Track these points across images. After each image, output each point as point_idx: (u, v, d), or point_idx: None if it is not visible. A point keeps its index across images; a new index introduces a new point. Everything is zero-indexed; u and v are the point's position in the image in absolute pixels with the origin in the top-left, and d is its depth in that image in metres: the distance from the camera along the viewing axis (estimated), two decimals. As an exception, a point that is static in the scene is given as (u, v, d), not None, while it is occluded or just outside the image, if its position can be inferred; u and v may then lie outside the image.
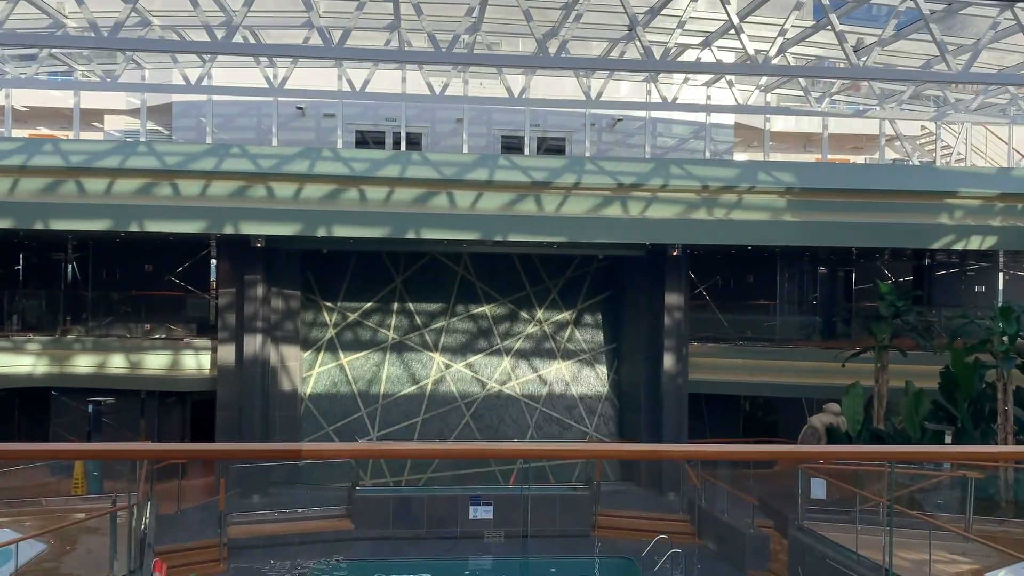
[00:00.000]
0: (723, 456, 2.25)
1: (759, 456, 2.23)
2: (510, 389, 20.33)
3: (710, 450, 2.32)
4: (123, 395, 20.04)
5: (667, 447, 2.13)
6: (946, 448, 2.27)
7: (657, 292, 19.57)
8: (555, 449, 2.41)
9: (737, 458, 2.57)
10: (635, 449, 2.38)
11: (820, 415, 17.74)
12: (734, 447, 2.40)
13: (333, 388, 19.86)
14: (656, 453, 2.28)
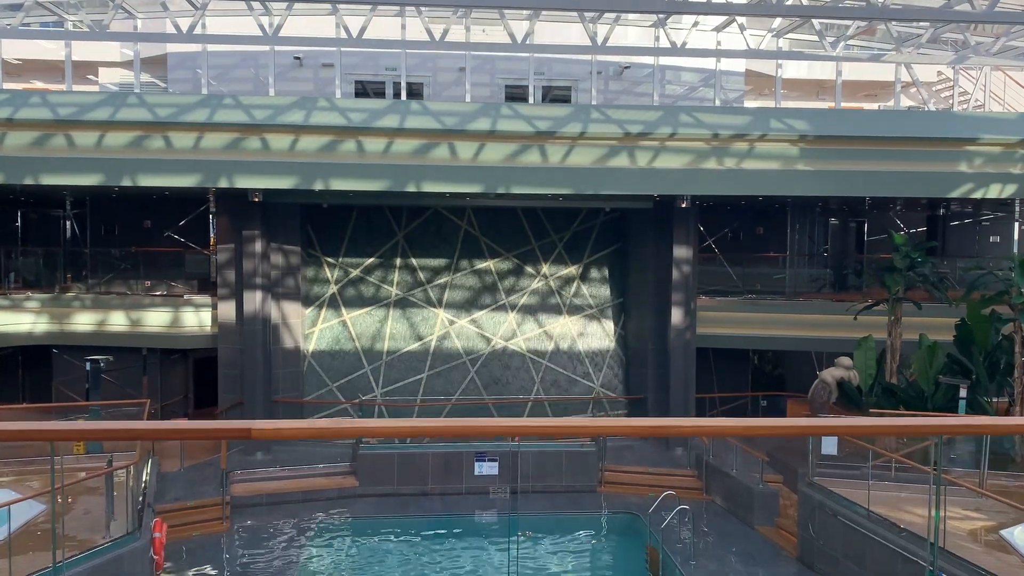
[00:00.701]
0: (747, 432, 1.96)
1: (788, 431, 1.94)
2: (515, 345, 20.03)
3: (732, 426, 1.91)
4: (125, 353, 19.87)
5: (678, 423, 1.85)
6: (997, 421, 1.98)
7: (665, 245, 19.14)
8: (553, 425, 2.03)
9: (764, 434, 2.29)
10: (645, 425, 1.98)
11: (831, 369, 17.39)
12: (757, 423, 2.02)
13: (336, 345, 19.60)
14: (666, 429, 1.95)
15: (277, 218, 18.46)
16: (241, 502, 15.60)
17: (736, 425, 2.11)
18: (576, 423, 2.20)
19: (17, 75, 22.92)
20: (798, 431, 2.12)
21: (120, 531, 10.59)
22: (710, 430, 2.09)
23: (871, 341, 17.56)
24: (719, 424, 2.12)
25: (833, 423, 2.13)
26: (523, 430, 2.20)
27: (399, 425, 2.17)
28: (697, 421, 2.10)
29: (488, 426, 2.24)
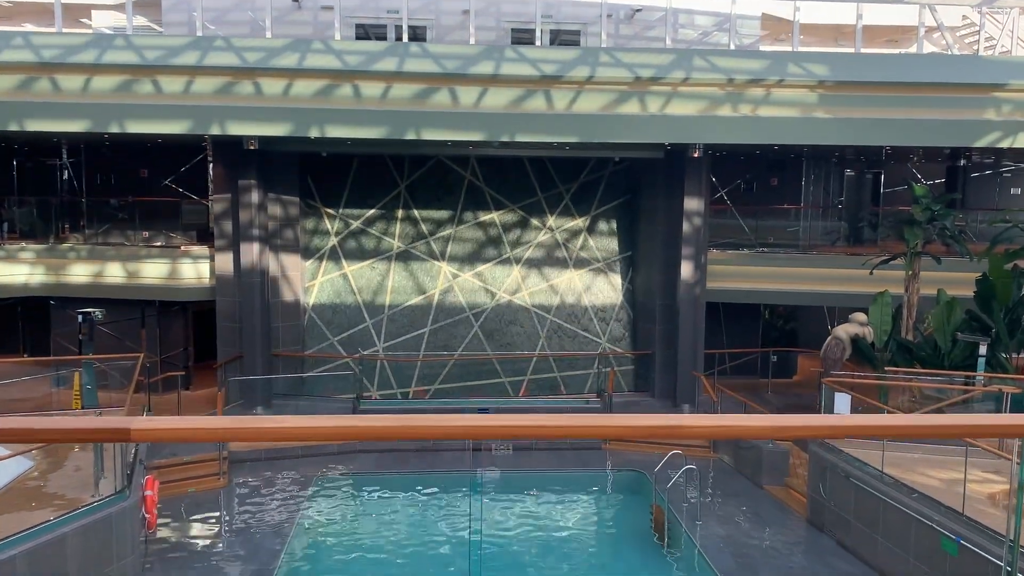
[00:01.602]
0: (776, 434, 1.57)
1: (822, 432, 1.56)
2: (520, 299, 19.55)
3: (756, 425, 1.37)
4: (123, 305, 19.52)
5: (696, 422, 1.43)
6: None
7: (676, 197, 18.50)
8: (559, 425, 1.51)
9: (797, 435, 1.91)
10: (654, 424, 1.45)
11: (846, 325, 16.87)
12: (787, 423, 1.53)
13: (337, 298, 19.16)
14: (680, 430, 1.53)
15: (275, 167, 17.88)
16: (239, 457, 15.33)
17: (760, 425, 1.61)
18: (580, 423, 1.69)
19: (8, 18, 22.23)
20: (833, 431, 1.62)
21: (110, 489, 10.27)
22: (731, 431, 1.59)
23: (887, 296, 17.00)
24: (740, 424, 1.62)
25: (873, 422, 1.62)
26: (495, 432, 1.71)
27: (299, 426, 1.67)
28: (718, 420, 1.59)
29: (484, 427, 1.73)
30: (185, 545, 11.70)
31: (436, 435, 1.64)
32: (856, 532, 11.55)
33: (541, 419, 1.63)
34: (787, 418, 1.64)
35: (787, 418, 1.64)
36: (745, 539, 12.19)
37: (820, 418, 1.55)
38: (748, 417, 1.63)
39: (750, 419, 1.63)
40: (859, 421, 1.63)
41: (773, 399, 19.56)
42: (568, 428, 1.62)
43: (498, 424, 1.62)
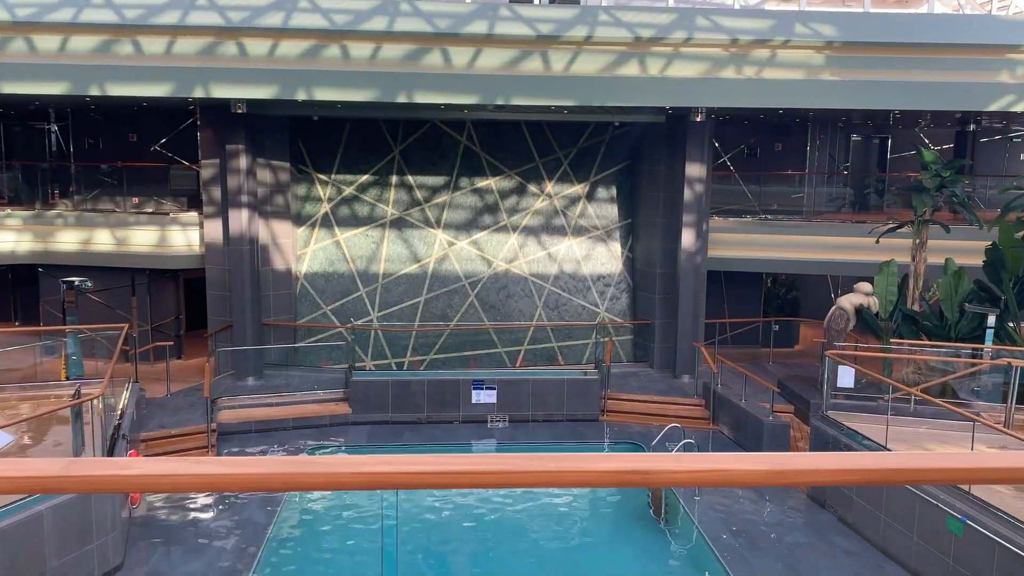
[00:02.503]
0: (839, 479, 1.24)
1: (893, 477, 1.26)
2: (517, 268, 19.12)
3: (821, 468, 0.93)
4: (113, 273, 19.16)
5: (677, 465, 1.05)
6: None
7: (677, 162, 17.99)
8: (573, 471, 1.06)
9: (858, 481, 1.61)
10: (626, 469, 1.02)
11: (850, 295, 16.46)
12: (852, 466, 1.12)
13: (330, 267, 18.74)
14: (658, 477, 1.16)
15: (264, 132, 17.36)
16: (228, 429, 15.04)
17: (752, 469, 1.21)
18: (522, 468, 1.27)
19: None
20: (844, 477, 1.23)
21: (89, 465, 9.95)
22: (716, 478, 1.20)
23: (893, 266, 16.57)
24: (728, 468, 1.21)
25: (932, 464, 1.21)
26: (514, 480, 1.30)
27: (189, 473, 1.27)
28: (701, 463, 1.19)
29: (497, 472, 1.30)
30: (172, 519, 11.43)
31: (317, 485, 1.23)
32: (858, 509, 11.26)
33: (455, 462, 1.22)
34: (786, 459, 1.24)
35: (786, 459, 1.24)
36: (744, 515, 11.91)
37: (827, 459, 1.15)
38: (738, 458, 1.22)
39: (740, 461, 1.23)
40: (876, 464, 1.23)
41: (774, 369, 19.21)
42: (504, 475, 1.21)
43: (407, 470, 1.21)
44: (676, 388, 17.60)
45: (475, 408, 16.01)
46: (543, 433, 15.64)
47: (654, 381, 18.09)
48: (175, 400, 16.02)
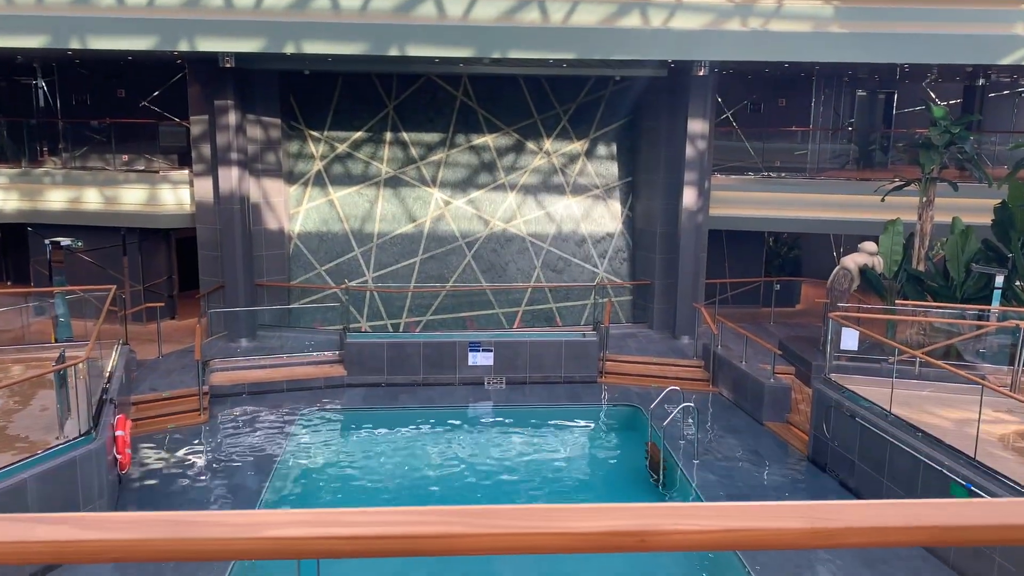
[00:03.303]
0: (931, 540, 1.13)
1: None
2: (515, 227, 18.74)
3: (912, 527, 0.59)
4: (103, 232, 18.80)
5: (692, 524, 0.76)
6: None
7: (679, 118, 17.51)
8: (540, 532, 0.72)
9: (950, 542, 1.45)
10: (625, 530, 0.68)
11: (854, 255, 16.11)
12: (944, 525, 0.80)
13: (324, 226, 18.37)
14: (666, 538, 0.96)
15: (254, 87, 16.86)
16: (221, 391, 14.83)
17: (788, 529, 0.90)
18: (584, 527, 0.96)
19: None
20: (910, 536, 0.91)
21: (75, 431, 9.73)
22: (741, 539, 0.89)
23: (899, 225, 16.20)
24: (758, 528, 0.90)
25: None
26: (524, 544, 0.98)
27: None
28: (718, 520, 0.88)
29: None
30: (163, 484, 11.25)
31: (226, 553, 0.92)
32: (860, 474, 11.07)
33: (391, 521, 0.91)
34: (829, 513, 0.93)
35: (829, 513, 0.93)
36: (743, 477, 11.74)
37: (885, 512, 0.82)
38: (773, 509, 0.91)
39: (774, 511, 0.92)
40: (946, 520, 0.93)
41: (775, 330, 18.95)
42: (449, 539, 0.90)
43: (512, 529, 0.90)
44: (676, 349, 17.36)
45: (472, 370, 15.79)
46: (541, 395, 15.43)
47: (653, 342, 17.84)
48: (167, 362, 15.79)
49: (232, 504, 10.65)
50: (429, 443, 13.68)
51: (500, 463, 12.72)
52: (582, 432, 14.50)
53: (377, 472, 12.43)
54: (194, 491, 11.09)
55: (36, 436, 9.88)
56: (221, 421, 13.83)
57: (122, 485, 10.95)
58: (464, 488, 11.80)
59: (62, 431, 9.80)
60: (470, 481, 12.03)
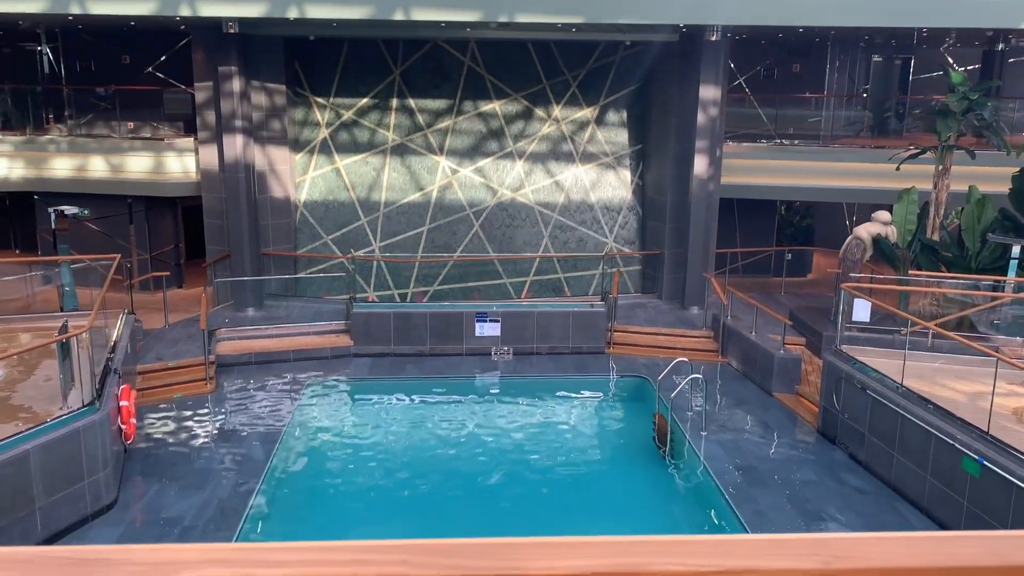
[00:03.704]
0: None
1: None
2: (523, 196, 18.51)
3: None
4: (110, 201, 18.70)
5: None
6: None
7: (691, 85, 17.16)
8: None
9: None
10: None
11: (867, 224, 15.84)
12: None
13: (330, 195, 18.19)
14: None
15: (258, 53, 16.59)
16: (228, 361, 14.78)
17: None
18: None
19: None
20: None
21: (78, 401, 9.68)
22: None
23: (914, 193, 15.91)
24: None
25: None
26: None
27: None
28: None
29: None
30: (169, 454, 11.23)
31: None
32: (870, 446, 10.93)
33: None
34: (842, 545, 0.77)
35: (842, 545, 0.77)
36: (751, 450, 11.62)
37: (914, 545, 0.66)
38: (781, 544, 0.76)
39: (783, 546, 0.77)
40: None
41: (786, 300, 18.75)
42: None
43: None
44: (685, 320, 17.19)
45: (479, 340, 15.68)
46: (548, 366, 15.33)
47: (662, 313, 17.67)
48: (173, 331, 15.75)
49: (236, 474, 10.62)
50: (435, 413, 13.62)
51: (506, 433, 12.65)
52: (589, 403, 14.41)
53: (384, 442, 12.38)
54: (200, 460, 11.06)
55: (40, 407, 9.84)
56: (228, 390, 13.79)
57: (127, 455, 10.94)
58: (470, 458, 11.74)
59: (65, 402, 9.75)
60: (476, 451, 11.97)
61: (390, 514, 10.25)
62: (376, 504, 10.45)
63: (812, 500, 10.11)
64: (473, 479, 11.16)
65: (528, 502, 10.59)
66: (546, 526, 10.01)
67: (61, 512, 8.88)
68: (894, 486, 10.36)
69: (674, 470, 11.36)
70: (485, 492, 10.81)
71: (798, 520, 9.56)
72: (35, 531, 8.55)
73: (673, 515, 10.61)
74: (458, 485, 11.05)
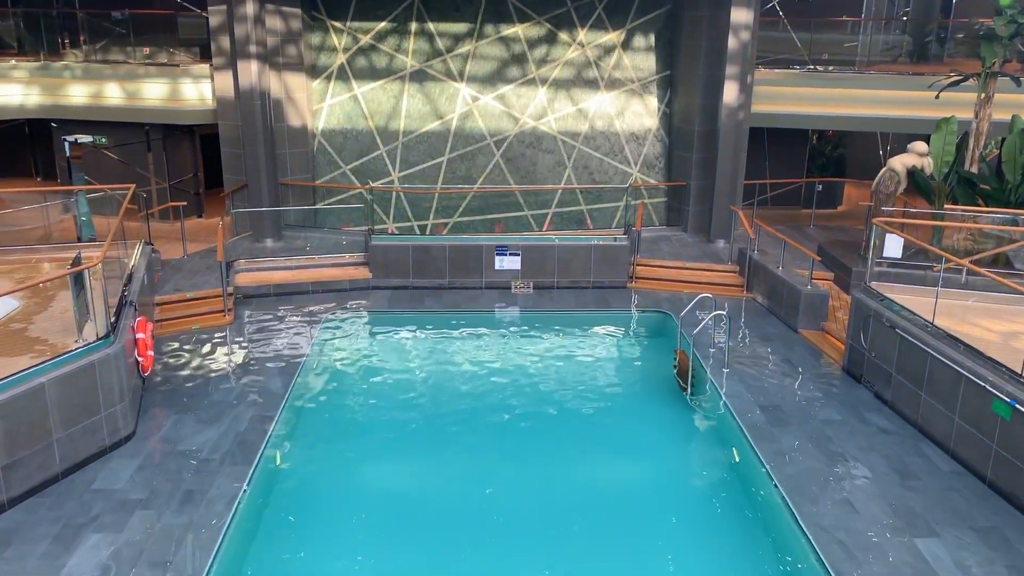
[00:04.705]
0: None
1: None
2: (545, 125, 18.00)
3: None
4: (127, 128, 18.50)
5: None
6: None
7: (722, 7, 16.41)
8: None
9: None
10: None
11: (903, 156, 15.26)
12: None
13: (348, 123, 17.80)
14: None
15: (272, -26, 16.04)
16: (246, 292, 14.72)
17: None
18: None
19: None
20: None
21: (94, 334, 9.63)
22: None
23: (953, 123, 15.25)
24: None
25: None
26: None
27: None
28: None
29: None
30: (187, 386, 11.24)
31: None
32: (897, 386, 10.67)
33: None
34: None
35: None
36: (774, 388, 11.41)
37: None
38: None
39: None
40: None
41: (815, 233, 18.30)
42: None
43: None
44: (710, 254, 16.83)
45: (499, 274, 15.46)
46: (568, 300, 15.12)
47: (687, 246, 17.31)
48: (192, 261, 15.68)
49: (255, 406, 10.60)
50: (454, 346, 13.51)
51: (525, 368, 12.53)
52: (609, 339, 14.22)
53: (402, 375, 12.32)
54: (219, 392, 11.06)
55: (56, 339, 9.81)
56: (246, 322, 13.76)
57: (145, 387, 10.96)
58: (488, 392, 11.65)
59: (80, 334, 9.71)
60: (494, 384, 11.88)
61: (408, 445, 10.24)
62: (394, 436, 10.42)
63: (835, 440, 9.93)
64: (490, 412, 11.09)
65: (545, 436, 10.52)
66: (562, 460, 9.95)
67: (79, 444, 8.92)
68: (920, 427, 10.13)
69: (695, 407, 11.20)
70: (502, 425, 10.75)
71: (820, 460, 9.40)
72: (53, 463, 8.60)
73: (692, 454, 10.49)
74: (475, 417, 10.98)
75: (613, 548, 8.13)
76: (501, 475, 9.52)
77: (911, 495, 8.69)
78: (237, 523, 8.08)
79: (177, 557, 7.39)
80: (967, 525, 8.12)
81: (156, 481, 8.73)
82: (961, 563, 7.50)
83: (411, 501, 8.96)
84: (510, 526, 8.47)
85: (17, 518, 7.97)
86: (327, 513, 8.60)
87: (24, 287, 10.91)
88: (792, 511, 8.33)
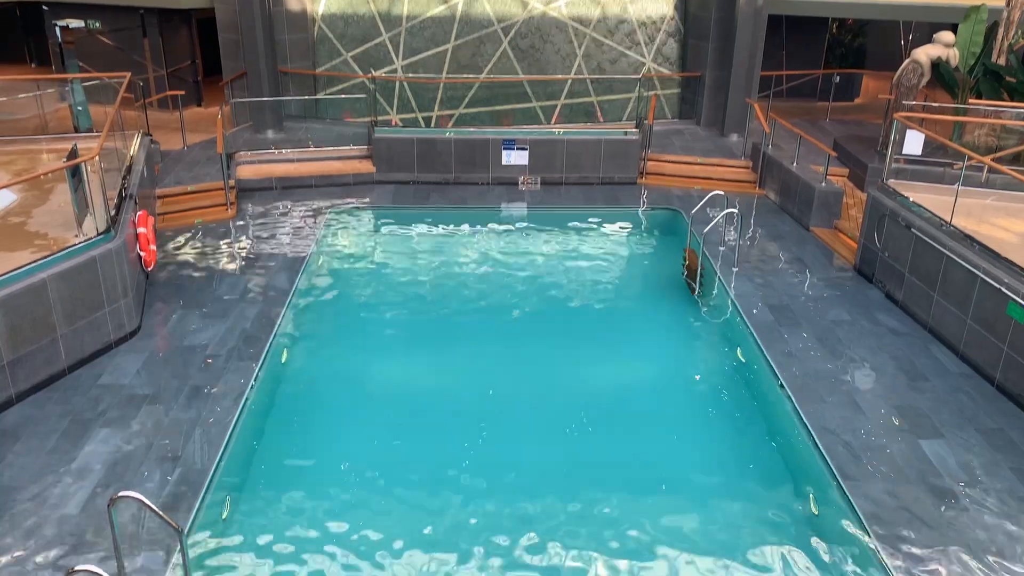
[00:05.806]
0: None
1: None
2: (555, 10, 17.23)
3: None
4: (122, 13, 17.80)
5: None
6: None
7: None
8: None
9: None
10: None
11: (927, 47, 14.63)
12: None
13: (349, 8, 17.06)
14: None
15: None
16: (248, 186, 14.47)
17: None
18: None
19: None
20: None
21: (93, 229, 9.47)
22: None
23: (983, 11, 14.53)
24: None
25: None
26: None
27: None
28: None
29: None
30: (191, 281, 11.16)
31: None
32: (909, 287, 10.52)
33: None
34: None
35: None
36: (784, 287, 11.28)
37: None
38: None
39: None
40: None
41: (830, 127, 17.79)
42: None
43: None
44: (723, 148, 16.40)
45: (506, 169, 15.12)
46: (577, 196, 14.84)
47: (700, 140, 16.86)
48: (192, 152, 15.35)
49: (260, 301, 10.53)
50: (460, 242, 13.34)
51: (531, 265, 12.39)
52: (618, 236, 14.01)
53: (407, 271, 12.20)
54: (223, 287, 10.98)
55: (56, 233, 9.65)
56: (249, 216, 13.56)
57: (149, 281, 10.88)
58: (493, 288, 11.56)
59: (80, 229, 9.54)
60: (500, 281, 11.77)
61: (414, 340, 10.21)
62: (400, 331, 10.39)
63: (844, 340, 9.86)
64: (496, 308, 11.03)
65: (551, 332, 10.47)
66: (568, 356, 9.93)
67: (84, 340, 8.89)
68: (930, 328, 10.04)
69: (703, 307, 11.10)
70: (508, 321, 10.70)
71: (828, 361, 9.35)
72: (58, 359, 8.59)
73: (699, 354, 10.45)
74: (480, 312, 10.93)
75: (618, 442, 8.18)
76: (508, 371, 9.53)
77: (918, 396, 8.67)
78: (244, 419, 8.12)
79: (186, 452, 7.45)
80: (973, 427, 8.12)
81: (163, 376, 8.74)
82: (966, 464, 7.53)
83: (417, 395, 8.99)
84: (516, 420, 8.50)
85: (26, 412, 8.02)
86: (333, 410, 8.64)
87: (21, 180, 10.68)
88: (798, 411, 8.33)
